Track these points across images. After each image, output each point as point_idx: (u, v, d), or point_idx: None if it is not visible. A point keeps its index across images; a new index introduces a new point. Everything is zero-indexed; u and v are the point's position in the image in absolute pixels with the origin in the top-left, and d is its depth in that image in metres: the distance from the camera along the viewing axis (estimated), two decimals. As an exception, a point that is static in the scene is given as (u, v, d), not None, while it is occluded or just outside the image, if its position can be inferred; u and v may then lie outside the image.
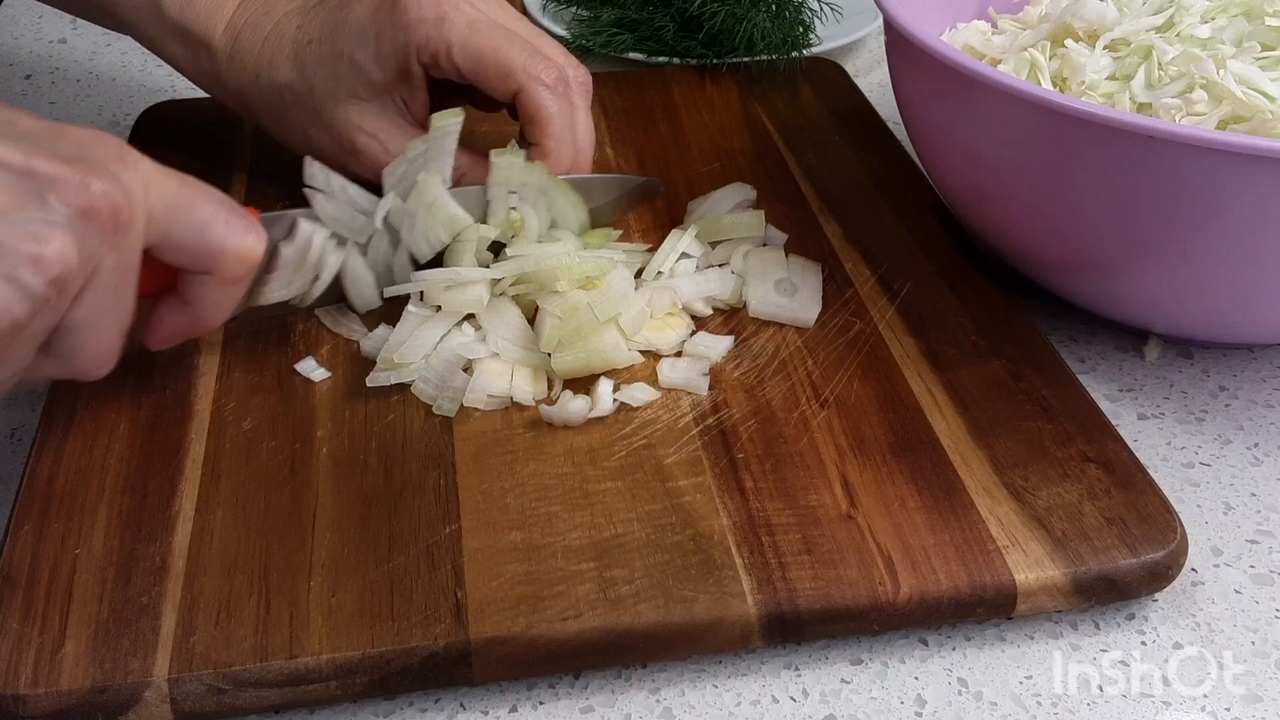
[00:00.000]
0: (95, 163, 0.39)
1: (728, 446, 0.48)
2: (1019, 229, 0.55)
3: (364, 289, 0.53)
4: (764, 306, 0.55)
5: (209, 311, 0.46)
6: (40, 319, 0.39)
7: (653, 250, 0.57)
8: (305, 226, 0.50)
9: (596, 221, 0.57)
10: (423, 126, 0.57)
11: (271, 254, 0.48)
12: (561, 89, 0.55)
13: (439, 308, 0.51)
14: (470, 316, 0.52)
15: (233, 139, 0.68)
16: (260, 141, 0.68)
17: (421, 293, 0.52)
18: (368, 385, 0.50)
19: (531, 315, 0.52)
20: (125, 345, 0.44)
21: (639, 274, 0.56)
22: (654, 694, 0.41)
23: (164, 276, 0.45)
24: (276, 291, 0.49)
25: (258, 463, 0.47)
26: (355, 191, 0.51)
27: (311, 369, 0.51)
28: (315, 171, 0.51)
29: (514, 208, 0.54)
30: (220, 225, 0.43)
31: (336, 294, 0.53)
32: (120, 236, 0.40)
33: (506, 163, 0.53)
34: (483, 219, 0.54)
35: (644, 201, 0.61)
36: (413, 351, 0.50)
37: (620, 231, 0.58)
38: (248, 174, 0.65)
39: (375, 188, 0.53)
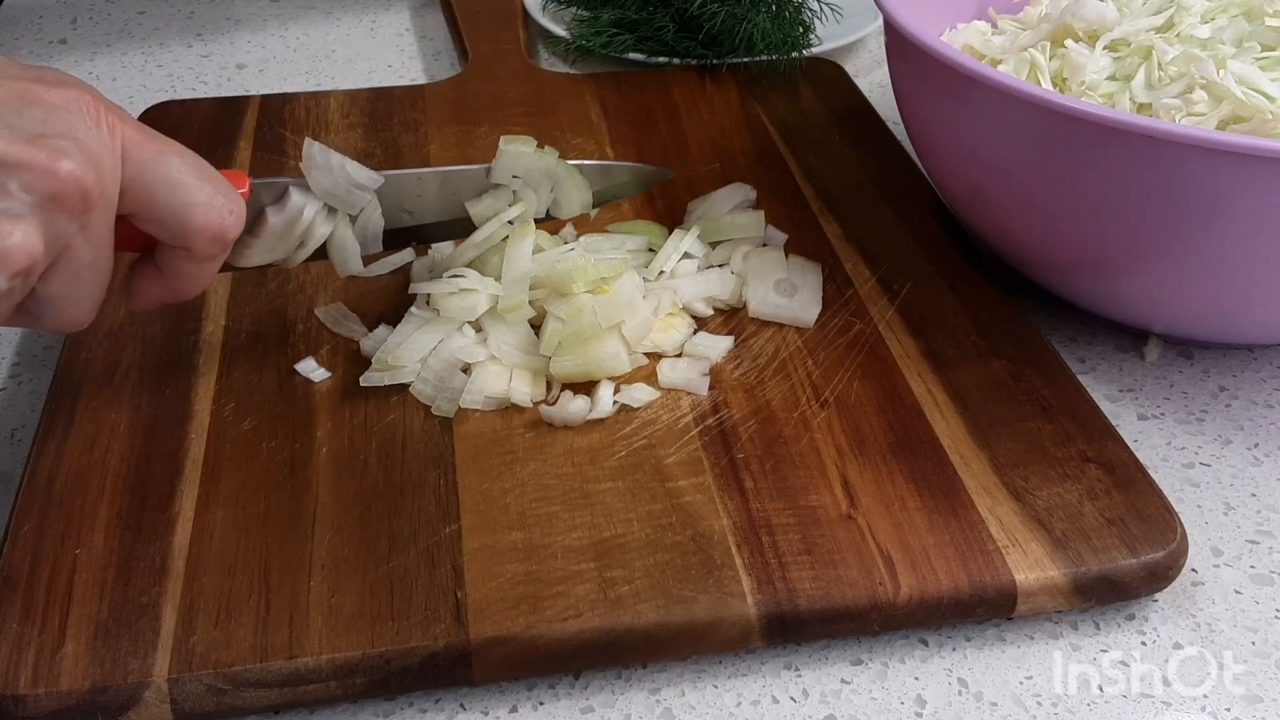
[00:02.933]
0: (65, 135, 0.37)
1: (728, 446, 0.48)
2: (1019, 229, 0.54)
3: (349, 256, 0.52)
4: (764, 307, 0.55)
5: (184, 284, 0.44)
6: (6, 301, 0.38)
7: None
8: (297, 198, 0.48)
9: (600, 205, 0.57)
10: None
11: (258, 219, 0.47)
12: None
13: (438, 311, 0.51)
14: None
15: (233, 139, 0.68)
16: (261, 141, 0.68)
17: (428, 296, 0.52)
18: (361, 384, 0.50)
19: (538, 324, 0.52)
20: (105, 300, 0.42)
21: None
22: (654, 694, 0.41)
23: (147, 235, 0.43)
24: (259, 257, 0.48)
25: (258, 463, 0.46)
26: (354, 168, 0.50)
27: (311, 369, 0.51)
28: (314, 152, 0.49)
29: (515, 191, 0.54)
30: (198, 204, 0.41)
31: (320, 254, 0.52)
32: (90, 215, 0.38)
33: (515, 151, 0.53)
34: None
35: (648, 188, 0.60)
36: (408, 354, 0.50)
37: (664, 228, 0.59)
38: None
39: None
